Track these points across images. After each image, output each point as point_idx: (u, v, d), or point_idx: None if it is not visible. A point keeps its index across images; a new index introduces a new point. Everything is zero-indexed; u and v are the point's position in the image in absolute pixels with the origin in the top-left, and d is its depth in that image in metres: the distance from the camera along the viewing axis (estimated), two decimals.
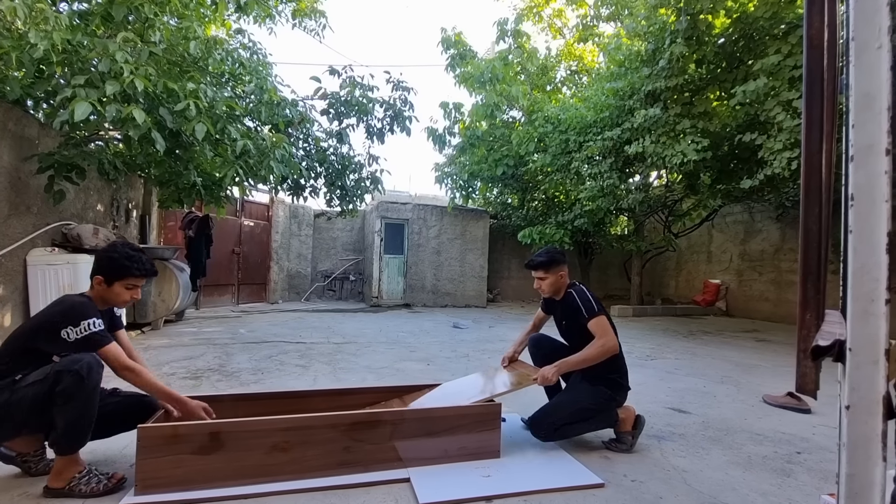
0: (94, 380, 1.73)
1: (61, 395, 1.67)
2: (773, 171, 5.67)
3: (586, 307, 2.42)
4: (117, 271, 1.93)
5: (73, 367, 1.68)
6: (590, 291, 2.54)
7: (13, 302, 4.07)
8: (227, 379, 3.68)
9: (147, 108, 3.76)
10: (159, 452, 1.80)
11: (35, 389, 1.69)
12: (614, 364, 2.46)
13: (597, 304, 2.44)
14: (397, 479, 2.00)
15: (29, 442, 1.90)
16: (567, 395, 2.48)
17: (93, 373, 1.73)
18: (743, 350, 5.79)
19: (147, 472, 1.79)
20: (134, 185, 6.40)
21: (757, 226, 9.90)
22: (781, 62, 5.50)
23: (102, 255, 1.96)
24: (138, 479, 1.79)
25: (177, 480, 1.81)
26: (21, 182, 4.12)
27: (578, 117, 8.61)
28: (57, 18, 3.32)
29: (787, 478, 2.19)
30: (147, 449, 1.79)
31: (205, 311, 8.17)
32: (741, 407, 3.33)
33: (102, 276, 1.93)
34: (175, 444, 1.82)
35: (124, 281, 1.95)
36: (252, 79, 5.55)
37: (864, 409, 0.50)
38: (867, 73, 0.51)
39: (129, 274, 1.94)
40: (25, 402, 1.69)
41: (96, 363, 1.76)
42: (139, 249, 2.03)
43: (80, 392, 1.69)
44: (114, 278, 1.93)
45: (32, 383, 1.71)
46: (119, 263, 1.92)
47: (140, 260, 1.97)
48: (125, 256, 1.94)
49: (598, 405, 2.41)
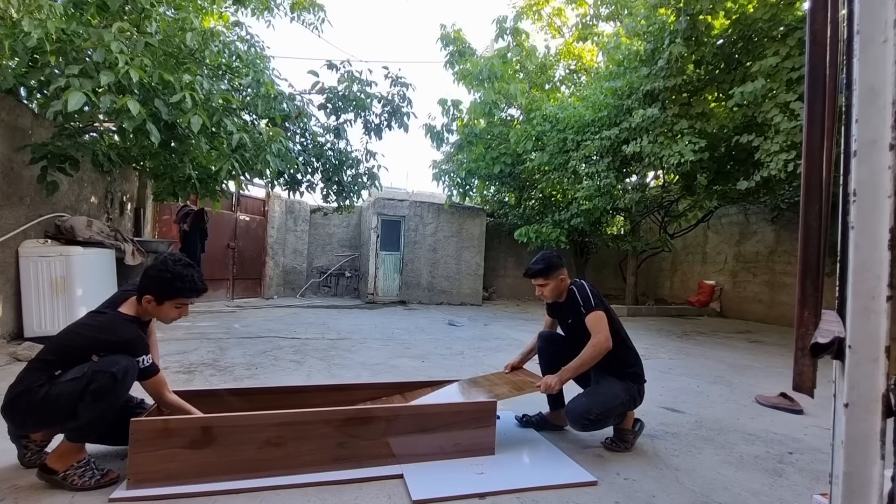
0: (127, 384, 1.78)
1: (94, 393, 1.70)
2: (769, 172, 5.69)
3: (584, 302, 2.41)
4: (169, 292, 1.91)
5: (111, 370, 1.71)
6: (591, 286, 2.51)
7: (5, 294, 4.03)
8: (220, 374, 3.66)
9: (142, 100, 3.72)
10: (152, 446, 1.79)
11: (72, 386, 1.71)
12: (628, 357, 2.49)
13: (595, 299, 2.42)
14: (391, 476, 2.00)
15: (46, 433, 1.92)
16: (603, 389, 2.40)
17: (128, 377, 1.77)
18: (736, 351, 5.82)
19: (140, 466, 1.78)
20: (129, 177, 6.35)
21: (752, 227, 9.94)
22: (780, 64, 5.51)
23: (155, 274, 1.92)
24: (131, 472, 1.78)
25: (169, 475, 1.80)
26: (14, 173, 4.07)
27: (576, 116, 8.61)
28: (51, 7, 3.28)
29: (779, 478, 2.20)
30: (140, 443, 1.78)
31: (199, 306, 8.12)
32: (734, 407, 3.35)
33: (153, 296, 1.91)
34: (168, 438, 1.81)
35: (175, 300, 1.95)
36: (249, 72, 5.50)
37: (864, 406, 0.50)
38: (872, 67, 0.50)
39: (181, 295, 1.94)
40: (63, 397, 1.71)
41: (133, 367, 1.79)
42: (190, 265, 1.99)
43: (111, 393, 1.73)
44: (165, 298, 1.92)
45: (71, 380, 1.73)
46: (171, 285, 1.90)
47: (192, 279, 1.95)
48: (177, 277, 1.91)
49: (629, 400, 2.41)
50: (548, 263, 2.49)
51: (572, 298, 2.48)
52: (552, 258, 2.51)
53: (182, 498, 1.75)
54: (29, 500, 1.72)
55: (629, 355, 2.49)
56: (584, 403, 2.34)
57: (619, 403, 2.35)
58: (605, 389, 2.39)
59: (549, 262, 2.50)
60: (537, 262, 2.52)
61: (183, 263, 1.97)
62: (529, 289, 12.59)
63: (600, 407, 2.29)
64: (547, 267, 2.48)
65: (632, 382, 2.44)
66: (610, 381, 2.42)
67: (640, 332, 7.22)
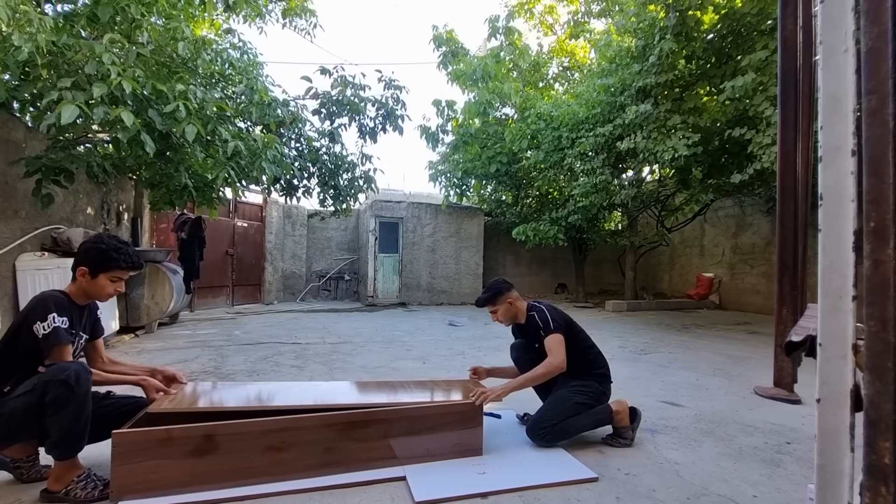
0: (83, 386, 1.70)
1: (52, 405, 1.66)
2: (762, 165, 5.73)
3: (544, 325, 2.47)
4: (103, 263, 1.90)
5: (61, 377, 1.66)
6: (550, 310, 2.57)
7: (3, 308, 4.04)
8: (222, 381, 3.67)
9: (136, 110, 3.73)
10: (136, 458, 1.76)
11: (25, 400, 1.69)
12: (596, 361, 2.59)
13: (554, 322, 2.47)
14: (393, 478, 2.01)
15: (22, 448, 1.89)
16: (559, 394, 2.49)
17: (81, 379, 1.69)
18: (735, 343, 5.85)
19: (123, 479, 1.75)
20: (124, 187, 6.35)
21: (748, 219, 9.99)
22: (769, 57, 5.55)
23: (89, 245, 1.92)
24: (114, 485, 1.75)
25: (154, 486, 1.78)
26: (8, 186, 4.08)
27: (570, 114, 8.64)
28: (41, 20, 3.28)
29: (777, 468, 2.23)
30: (122, 455, 1.74)
31: (199, 314, 8.14)
32: (733, 399, 3.37)
33: (87, 268, 1.89)
34: (154, 448, 1.79)
35: (110, 273, 1.92)
36: (242, 79, 5.51)
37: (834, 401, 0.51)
38: (834, 75, 0.52)
39: (116, 266, 1.91)
40: (17, 413, 1.68)
41: (84, 369, 1.74)
42: (126, 242, 2.00)
43: (70, 400, 1.67)
44: (99, 270, 1.90)
45: (22, 394, 1.70)
46: (106, 255, 1.89)
47: (127, 252, 1.94)
48: (112, 248, 1.90)
49: (591, 398, 2.46)
50: (492, 291, 2.63)
51: (534, 323, 2.53)
52: (498, 284, 2.66)
53: None
54: None
55: (596, 359, 2.60)
56: (537, 415, 2.44)
57: (574, 405, 2.41)
58: (558, 396, 2.47)
59: (493, 288, 2.64)
60: (485, 291, 2.68)
61: (118, 239, 1.98)
62: (529, 287, 12.60)
63: (553, 415, 2.37)
64: (493, 294, 2.62)
65: (596, 382, 2.54)
66: (567, 387, 2.48)
67: (640, 326, 7.25)
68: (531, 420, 2.48)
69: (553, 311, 2.55)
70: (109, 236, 1.98)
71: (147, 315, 5.66)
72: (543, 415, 2.41)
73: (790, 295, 0.93)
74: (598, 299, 11.77)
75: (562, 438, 2.40)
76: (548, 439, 2.37)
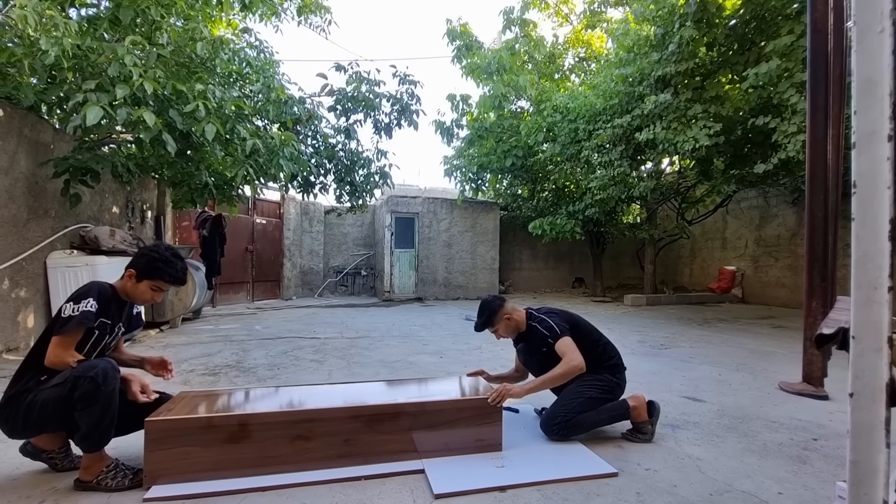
0: (110, 384, 1.78)
1: (81, 401, 1.73)
2: (787, 154, 5.56)
3: (551, 333, 2.44)
4: (151, 271, 1.98)
5: (89, 374, 1.73)
6: (551, 315, 2.54)
7: (35, 304, 4.19)
8: (244, 375, 3.75)
9: (157, 111, 3.81)
10: (166, 444, 1.85)
11: (56, 392, 1.76)
12: (606, 353, 2.56)
13: (560, 327, 2.45)
14: (412, 471, 2.03)
15: (53, 439, 1.97)
16: (571, 388, 2.47)
17: (108, 378, 1.77)
18: (759, 337, 5.72)
19: (154, 465, 1.85)
20: (147, 186, 6.51)
21: (772, 210, 9.72)
22: (794, 43, 5.37)
23: (145, 251, 2.02)
24: (146, 470, 1.85)
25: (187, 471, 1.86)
26: (38, 187, 4.21)
27: (587, 105, 8.52)
28: (66, 24, 3.37)
29: (803, 465, 2.17)
30: (154, 441, 1.85)
31: (221, 309, 8.31)
32: (757, 395, 3.30)
33: (136, 271, 1.98)
34: (188, 435, 1.87)
35: (153, 282, 2.00)
36: (259, 78, 5.58)
37: (868, 396, 0.50)
38: (869, 57, 0.49)
39: (160, 277, 2.00)
40: (48, 403, 1.76)
41: (112, 368, 1.81)
42: (180, 257, 2.08)
43: (97, 397, 1.75)
44: (144, 276, 1.98)
45: (54, 386, 1.77)
46: (155, 265, 1.98)
47: (176, 266, 2.02)
48: (163, 260, 1.99)
49: (604, 392, 2.45)
50: (488, 312, 2.58)
51: (537, 333, 2.51)
52: (491, 305, 2.59)
53: (211, 497, 1.81)
54: (67, 501, 1.80)
55: (606, 351, 2.57)
56: (550, 410, 2.44)
57: (587, 399, 2.39)
58: (570, 391, 2.45)
59: (487, 310, 2.58)
60: (479, 315, 2.62)
61: (175, 254, 2.05)
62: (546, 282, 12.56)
63: (565, 410, 2.36)
64: (488, 316, 2.57)
65: (609, 374, 2.51)
66: (578, 383, 2.45)
67: (660, 321, 7.14)
68: (544, 415, 2.48)
69: (555, 317, 2.53)
70: (168, 248, 2.06)
71: (172, 310, 5.80)
72: (556, 410, 2.41)
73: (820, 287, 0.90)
74: (616, 293, 11.64)
75: (575, 433, 2.40)
76: (561, 434, 2.37)
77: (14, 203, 3.92)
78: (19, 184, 3.96)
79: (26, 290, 4.07)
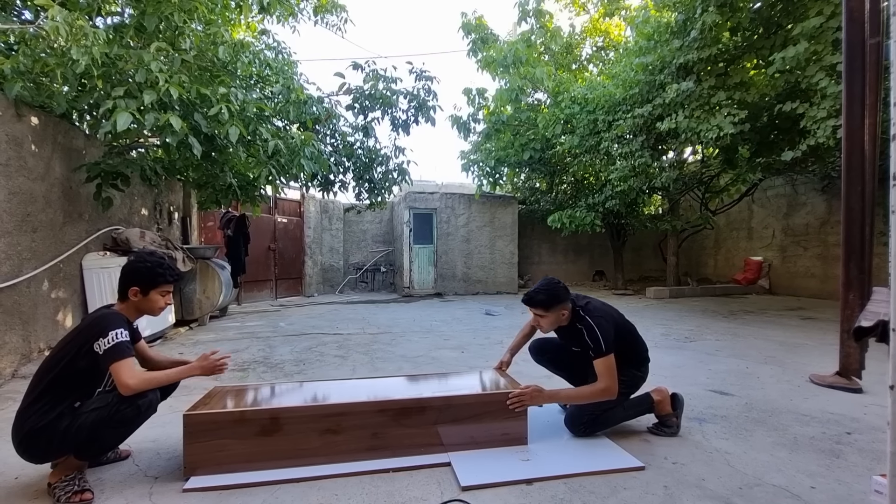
0: (145, 416, 1.87)
1: (117, 421, 1.79)
2: (816, 140, 5.39)
3: (595, 346, 2.24)
4: (153, 280, 2.00)
5: (137, 402, 1.80)
6: (599, 322, 2.27)
7: (73, 304, 4.36)
8: (271, 370, 3.84)
9: (182, 115, 3.91)
10: (203, 437, 1.94)
11: (97, 415, 1.77)
12: (636, 348, 2.52)
13: (605, 342, 2.22)
14: (438, 464, 2.06)
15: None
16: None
17: (150, 410, 1.87)
18: (787, 329, 5.58)
19: (193, 457, 1.94)
20: (174, 188, 6.68)
21: (801, 198, 9.43)
22: (824, 24, 5.17)
23: (135, 266, 1.99)
24: (186, 462, 1.94)
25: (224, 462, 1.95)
26: (72, 191, 4.37)
27: (606, 96, 8.38)
28: (95, 33, 3.47)
29: (837, 458, 2.13)
30: (192, 434, 1.94)
31: (246, 307, 8.50)
32: (786, 388, 3.23)
33: (139, 287, 1.99)
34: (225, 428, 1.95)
35: (159, 288, 2.04)
36: (279, 79, 5.66)
37: None
38: None
39: (164, 281, 2.04)
40: (86, 426, 1.76)
41: (156, 400, 1.90)
42: (162, 256, 2.09)
43: (132, 424, 1.85)
44: (150, 287, 2.01)
45: (95, 409, 1.78)
46: (153, 272, 2.00)
47: (169, 266, 2.06)
48: (157, 265, 2.02)
49: (629, 386, 2.42)
50: (550, 295, 2.30)
51: (580, 337, 2.31)
52: (558, 290, 2.32)
53: (247, 487, 1.88)
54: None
55: (636, 346, 2.52)
56: (573, 412, 2.42)
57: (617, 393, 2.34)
58: None
59: (553, 293, 2.31)
60: (539, 290, 2.32)
61: (156, 254, 2.08)
62: (566, 276, 12.45)
63: (593, 406, 2.33)
64: (550, 298, 2.30)
65: (635, 369, 2.48)
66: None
67: (684, 313, 7.02)
68: (570, 411, 2.46)
69: (602, 327, 2.26)
70: (149, 253, 2.08)
71: (199, 309, 5.97)
72: (584, 406, 2.36)
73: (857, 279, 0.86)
74: (637, 286, 11.47)
75: (601, 430, 2.39)
76: (587, 431, 2.36)
77: (51, 207, 4.08)
78: (55, 189, 4.12)
79: (64, 290, 4.24)
